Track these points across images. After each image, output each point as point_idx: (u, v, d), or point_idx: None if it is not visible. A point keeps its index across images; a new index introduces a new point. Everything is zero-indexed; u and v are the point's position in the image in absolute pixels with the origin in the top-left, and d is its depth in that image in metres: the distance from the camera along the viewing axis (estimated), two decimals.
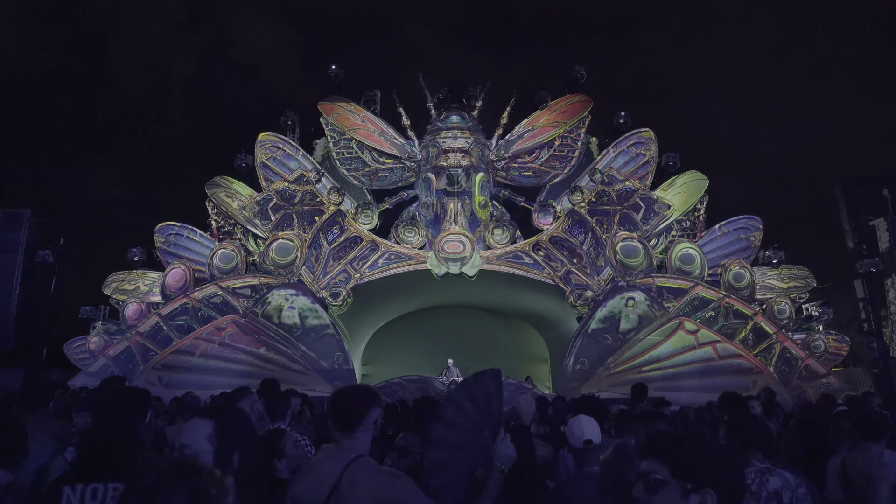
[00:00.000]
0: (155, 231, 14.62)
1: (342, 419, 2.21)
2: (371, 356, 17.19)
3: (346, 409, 2.24)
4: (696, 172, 15.11)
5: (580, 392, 12.04)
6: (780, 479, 2.42)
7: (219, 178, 14.93)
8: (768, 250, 14.61)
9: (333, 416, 2.24)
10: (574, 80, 16.39)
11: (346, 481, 2.08)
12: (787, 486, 2.40)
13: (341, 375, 12.79)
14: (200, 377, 12.19)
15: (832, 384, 12.39)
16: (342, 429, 2.21)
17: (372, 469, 2.17)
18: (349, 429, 2.20)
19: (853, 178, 16.20)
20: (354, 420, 2.21)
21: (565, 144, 15.35)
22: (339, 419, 2.22)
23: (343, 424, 2.21)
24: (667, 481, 1.41)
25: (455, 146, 14.69)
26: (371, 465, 2.19)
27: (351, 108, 15.39)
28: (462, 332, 16.56)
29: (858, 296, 15.22)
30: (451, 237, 13.76)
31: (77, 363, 13.63)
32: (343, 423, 2.21)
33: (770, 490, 2.38)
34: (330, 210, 13.98)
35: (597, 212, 14.08)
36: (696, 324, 12.88)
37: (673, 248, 13.92)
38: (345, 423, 2.20)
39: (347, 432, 2.20)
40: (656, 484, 1.42)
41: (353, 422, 2.20)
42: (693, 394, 11.16)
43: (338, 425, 2.22)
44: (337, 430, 2.22)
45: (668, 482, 1.41)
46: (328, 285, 13.72)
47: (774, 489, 2.38)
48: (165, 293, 13.52)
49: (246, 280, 13.50)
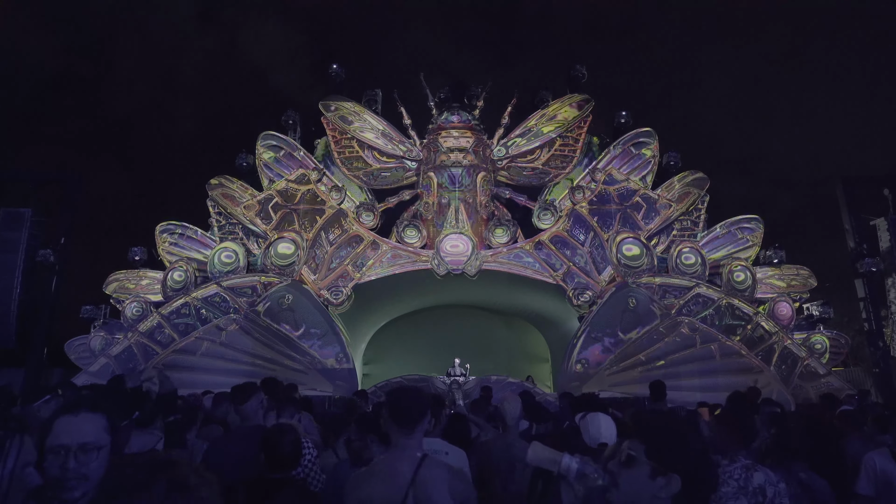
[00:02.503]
0: (156, 230, 14.62)
1: (405, 420, 2.34)
2: (372, 356, 17.20)
3: (409, 411, 2.36)
4: (698, 172, 15.13)
5: (581, 392, 12.05)
6: (763, 474, 2.53)
7: (220, 177, 14.93)
8: (769, 250, 14.62)
9: (395, 418, 2.35)
10: (575, 79, 16.38)
11: (421, 479, 2.19)
12: (770, 481, 2.51)
13: (342, 375, 12.79)
14: (201, 376, 12.17)
15: (832, 384, 12.38)
16: (405, 430, 2.34)
17: (443, 466, 2.32)
18: (411, 429, 2.34)
19: (854, 177, 16.22)
20: (416, 421, 2.34)
21: (566, 144, 15.37)
22: (401, 420, 2.34)
23: (405, 425, 2.34)
24: (639, 459, 1.48)
25: (456, 145, 14.70)
26: (441, 463, 2.34)
27: (352, 108, 15.40)
28: (463, 332, 16.59)
29: (859, 295, 15.23)
30: (452, 237, 13.77)
31: (78, 362, 13.62)
32: (405, 423, 2.34)
33: (755, 485, 2.48)
34: (331, 209, 13.97)
35: (598, 211, 14.09)
36: (697, 323, 12.89)
37: (674, 247, 13.94)
38: (407, 424, 2.34)
39: (409, 433, 2.33)
40: (629, 460, 1.50)
41: (415, 422, 2.34)
42: (693, 393, 11.17)
43: (400, 426, 2.34)
44: (397, 431, 2.35)
45: (640, 460, 1.48)
46: (329, 285, 13.72)
47: (759, 484, 2.49)
48: (166, 293, 13.52)
49: (247, 279, 13.49)
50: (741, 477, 2.52)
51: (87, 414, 1.73)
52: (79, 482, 1.64)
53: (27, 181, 15.86)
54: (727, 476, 2.55)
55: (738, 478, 2.52)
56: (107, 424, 1.76)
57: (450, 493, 2.17)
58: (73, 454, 1.66)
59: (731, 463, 2.62)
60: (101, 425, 1.75)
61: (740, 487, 2.48)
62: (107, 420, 1.77)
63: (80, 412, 1.73)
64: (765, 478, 2.51)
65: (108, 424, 1.77)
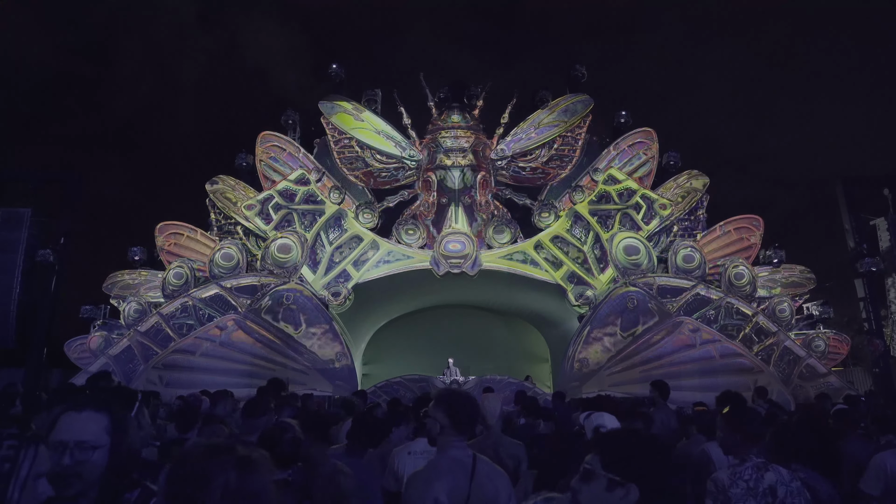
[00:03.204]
0: (156, 230, 14.62)
1: (462, 423, 2.44)
2: (372, 355, 17.20)
3: (468, 414, 2.46)
4: (697, 171, 15.13)
5: (581, 392, 12.05)
6: (774, 473, 2.48)
7: (220, 177, 14.93)
8: (769, 250, 14.62)
9: (452, 420, 2.42)
10: (575, 79, 16.39)
11: (478, 477, 2.33)
12: (782, 480, 2.46)
13: (342, 375, 12.80)
14: (201, 376, 12.17)
15: (833, 384, 12.38)
16: (460, 432, 2.44)
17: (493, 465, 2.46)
18: (466, 432, 2.47)
19: (854, 177, 16.21)
20: (473, 423, 2.49)
21: (566, 144, 15.37)
22: (459, 422, 2.43)
23: (462, 428, 2.44)
24: (596, 472, 1.51)
25: (456, 146, 14.70)
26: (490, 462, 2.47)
27: (352, 108, 15.40)
28: (463, 332, 16.58)
29: (859, 295, 15.23)
30: (452, 236, 13.77)
31: (77, 362, 13.62)
32: (462, 426, 2.44)
33: (766, 485, 2.43)
34: (331, 209, 13.97)
35: (598, 211, 14.08)
36: (697, 323, 12.89)
37: (673, 247, 13.94)
38: (464, 427, 2.45)
39: (463, 435, 2.45)
40: (586, 474, 1.54)
41: (471, 425, 2.48)
42: (693, 393, 11.16)
43: (457, 428, 2.43)
44: (453, 433, 2.43)
45: (597, 473, 1.51)
46: (329, 284, 13.72)
47: (770, 484, 2.44)
48: (166, 292, 13.52)
49: (247, 279, 13.49)
50: (751, 477, 2.48)
51: (90, 412, 1.72)
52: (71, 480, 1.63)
53: (27, 181, 15.85)
54: (737, 477, 2.51)
55: (749, 478, 2.47)
56: (109, 425, 1.74)
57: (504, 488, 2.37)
58: (69, 451, 1.65)
59: (741, 463, 2.58)
60: (103, 425, 1.73)
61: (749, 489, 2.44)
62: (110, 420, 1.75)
63: (84, 410, 1.72)
64: (776, 477, 2.46)
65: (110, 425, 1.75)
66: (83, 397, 1.80)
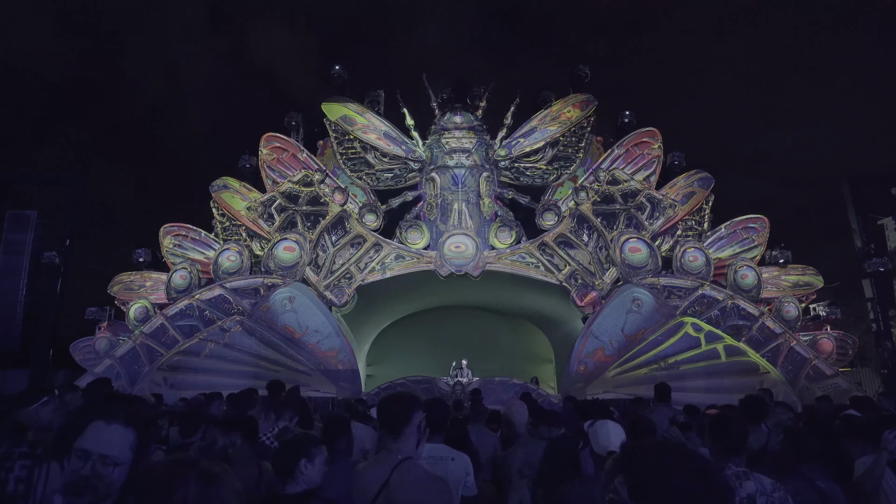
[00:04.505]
0: (160, 232, 14.67)
1: (389, 424, 2.39)
2: (375, 356, 17.20)
3: (392, 414, 2.40)
4: (702, 171, 15.03)
5: (586, 393, 11.99)
6: (755, 483, 2.45)
7: (223, 179, 14.96)
8: (775, 250, 14.51)
9: (381, 422, 2.43)
10: (578, 79, 16.34)
11: (393, 482, 2.23)
12: (763, 490, 2.43)
13: (346, 376, 12.79)
14: (205, 378, 12.20)
15: (840, 385, 12.27)
16: (390, 433, 2.38)
17: (419, 472, 2.32)
18: (396, 432, 2.37)
19: (860, 176, 16.09)
20: (400, 424, 2.37)
21: (569, 144, 15.31)
22: (386, 424, 2.40)
23: (390, 429, 2.38)
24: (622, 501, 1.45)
25: (459, 146, 14.68)
26: (418, 468, 2.35)
27: (355, 109, 15.40)
28: (466, 333, 16.55)
29: (867, 295, 15.10)
30: (455, 237, 13.75)
31: (83, 364, 13.68)
32: (390, 427, 2.38)
33: (743, 494, 2.41)
34: (334, 211, 13.98)
35: (602, 212, 14.02)
36: (702, 323, 12.80)
37: (679, 247, 13.85)
38: (392, 428, 2.38)
39: (394, 436, 2.37)
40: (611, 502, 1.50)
41: (399, 425, 2.37)
42: (699, 394, 11.08)
43: (385, 430, 2.40)
44: (385, 435, 2.40)
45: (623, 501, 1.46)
46: (332, 286, 13.72)
47: (748, 493, 2.41)
48: (170, 294, 13.56)
49: (250, 281, 13.51)
50: None
51: (118, 427, 1.69)
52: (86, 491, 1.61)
53: (33, 183, 15.96)
54: None
55: None
56: (134, 442, 1.72)
57: (424, 500, 2.20)
58: (91, 462, 1.63)
59: None
60: (129, 442, 1.70)
61: None
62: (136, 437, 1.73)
63: (112, 422, 1.69)
64: (756, 486, 2.43)
65: (135, 442, 1.72)
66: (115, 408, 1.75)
